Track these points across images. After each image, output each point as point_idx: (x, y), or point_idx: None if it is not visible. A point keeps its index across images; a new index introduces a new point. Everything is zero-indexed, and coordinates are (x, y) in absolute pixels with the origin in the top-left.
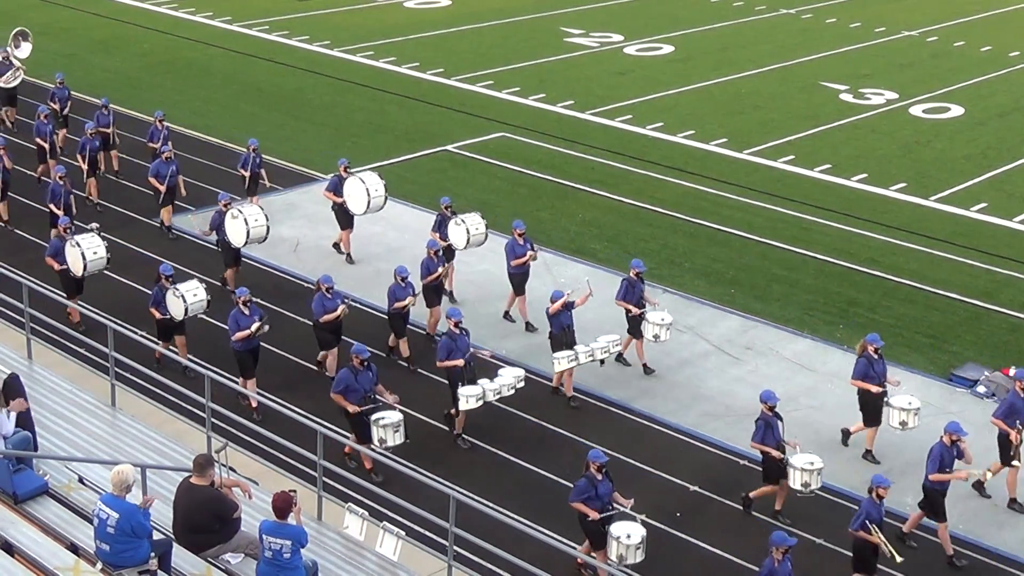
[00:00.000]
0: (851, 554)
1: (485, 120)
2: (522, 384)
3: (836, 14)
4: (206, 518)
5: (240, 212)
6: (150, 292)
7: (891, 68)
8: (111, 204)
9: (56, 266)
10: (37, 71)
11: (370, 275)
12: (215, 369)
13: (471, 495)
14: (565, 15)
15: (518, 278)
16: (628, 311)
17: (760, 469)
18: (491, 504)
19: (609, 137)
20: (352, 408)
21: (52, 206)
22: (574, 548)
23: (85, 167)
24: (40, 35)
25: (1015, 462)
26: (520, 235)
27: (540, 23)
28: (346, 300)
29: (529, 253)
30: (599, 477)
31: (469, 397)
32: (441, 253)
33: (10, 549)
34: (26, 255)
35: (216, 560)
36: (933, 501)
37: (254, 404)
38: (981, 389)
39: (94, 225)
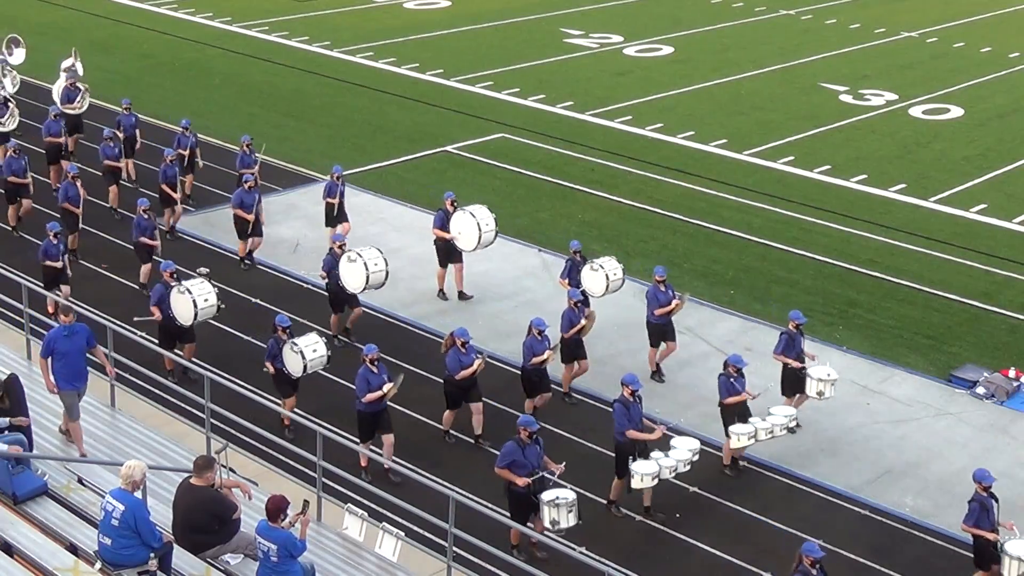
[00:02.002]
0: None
1: (485, 121)
2: (696, 457)
3: (836, 15)
4: (205, 519)
5: (358, 256)
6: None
7: (891, 69)
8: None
9: (159, 316)
10: (37, 71)
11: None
12: (214, 370)
13: (471, 496)
14: (565, 16)
15: (659, 328)
16: (786, 365)
17: (971, 555)
18: (491, 505)
19: (609, 138)
20: (522, 481)
21: (144, 239)
22: (573, 548)
23: (177, 194)
24: (40, 35)
25: None
26: (661, 281)
27: (540, 24)
28: (482, 354)
29: (675, 302)
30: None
31: (644, 476)
32: (581, 304)
33: (9, 550)
34: (26, 255)
35: (215, 561)
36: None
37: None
38: (980, 390)
39: (203, 270)
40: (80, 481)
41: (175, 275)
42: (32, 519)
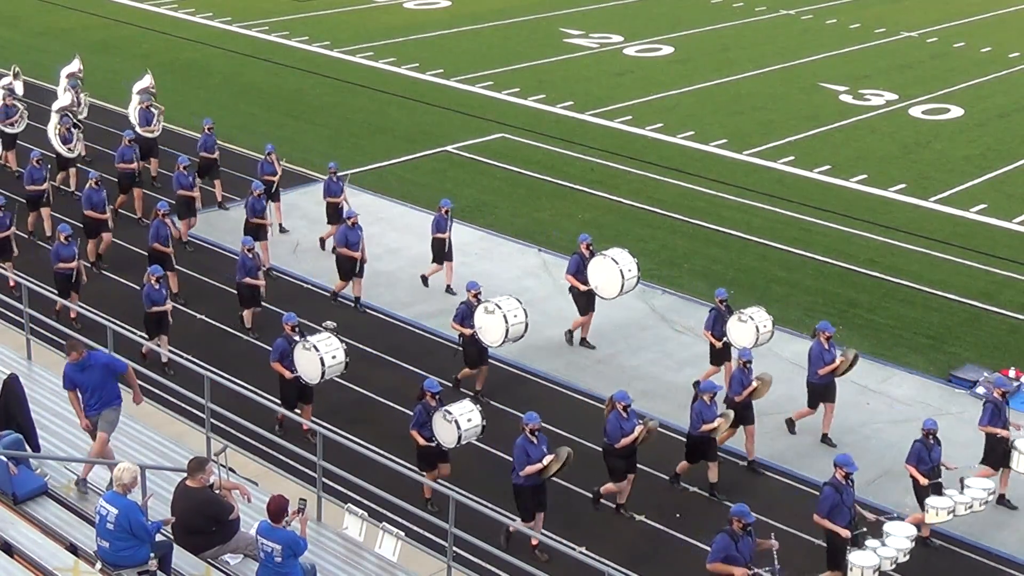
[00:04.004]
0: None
1: (485, 121)
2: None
3: (836, 15)
4: (201, 520)
5: (497, 307)
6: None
7: (891, 69)
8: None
9: (286, 373)
10: (37, 72)
11: (369, 276)
12: (214, 370)
13: (471, 496)
14: (565, 16)
15: (820, 389)
16: (995, 435)
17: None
18: (491, 504)
19: (608, 138)
20: (739, 572)
21: (249, 280)
22: (572, 548)
23: (270, 222)
24: (40, 35)
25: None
26: (828, 338)
27: (540, 24)
28: (644, 418)
29: (840, 359)
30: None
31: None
32: (751, 364)
33: (9, 549)
34: (25, 256)
35: (215, 561)
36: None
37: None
38: (980, 390)
39: (330, 324)
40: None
41: (298, 329)
42: (32, 519)
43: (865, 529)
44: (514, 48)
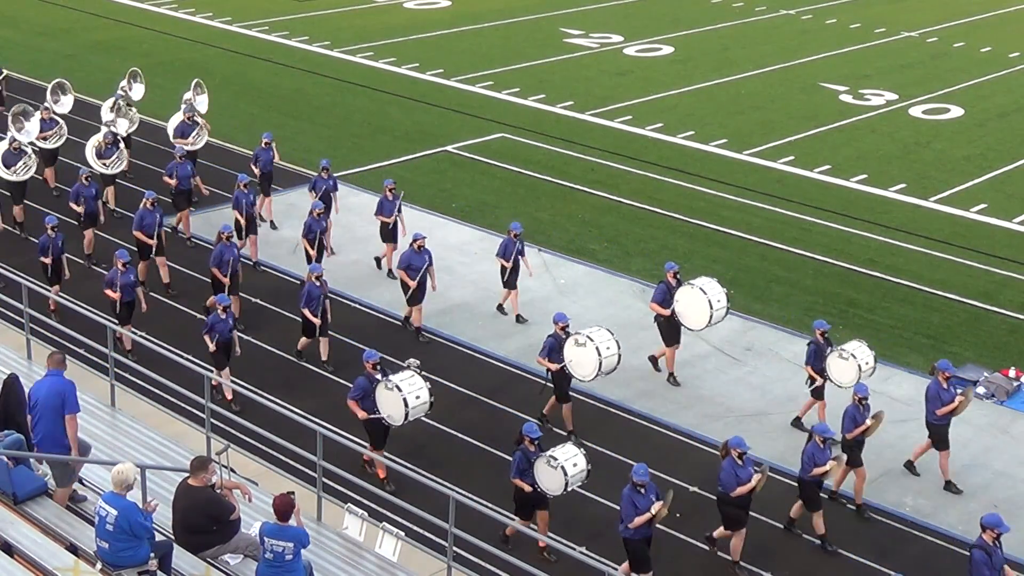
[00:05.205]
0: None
1: (485, 121)
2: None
3: (836, 15)
4: (202, 519)
5: (589, 339)
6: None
7: (891, 69)
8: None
9: (361, 413)
10: (37, 72)
11: (368, 275)
12: (214, 370)
13: (471, 496)
14: (565, 15)
15: (943, 430)
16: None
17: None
18: (491, 504)
19: (609, 138)
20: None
21: (307, 312)
22: (573, 548)
23: (313, 252)
24: (40, 35)
25: None
26: (947, 378)
27: (540, 24)
28: (761, 465)
29: (959, 398)
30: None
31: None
32: (867, 401)
33: (10, 549)
34: (25, 256)
35: (215, 561)
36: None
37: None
38: (980, 390)
39: (413, 361)
40: (80, 481)
41: (379, 367)
42: (32, 519)
43: None
44: (514, 48)
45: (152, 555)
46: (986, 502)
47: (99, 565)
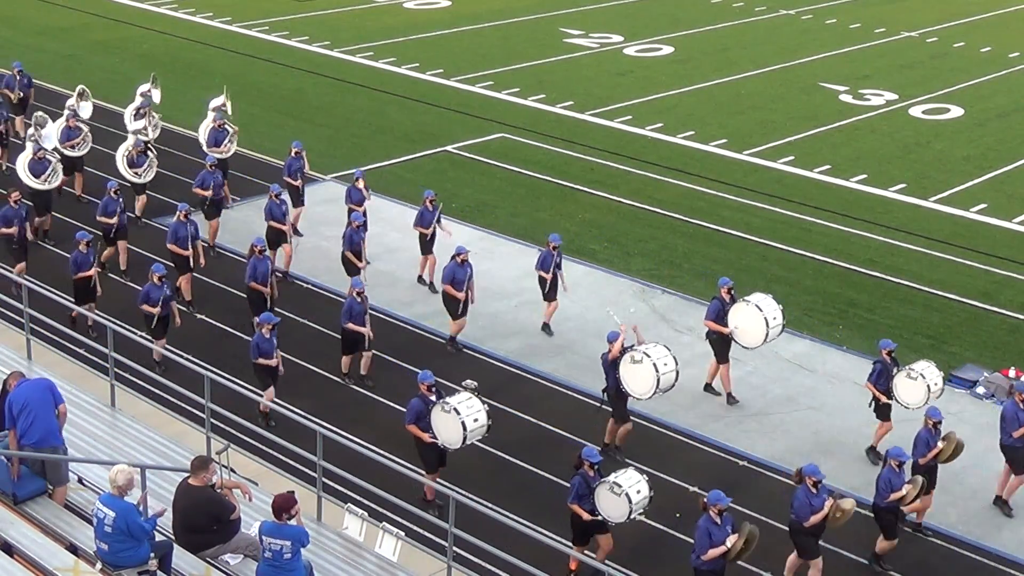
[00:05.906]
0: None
1: (485, 121)
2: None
3: (836, 15)
4: (203, 519)
5: (646, 355)
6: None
7: (891, 69)
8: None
9: (425, 437)
10: (38, 72)
11: (369, 276)
12: (214, 370)
13: (471, 496)
14: (565, 16)
15: (1018, 452)
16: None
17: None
18: (491, 504)
19: (609, 138)
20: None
21: (352, 325)
22: (572, 548)
23: (360, 264)
24: (40, 35)
25: None
26: (1023, 398)
27: (540, 24)
28: (832, 493)
29: None
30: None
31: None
32: (940, 425)
33: (10, 549)
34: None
35: (215, 561)
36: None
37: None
38: (980, 390)
39: (470, 383)
40: (80, 481)
41: (434, 388)
42: (32, 519)
43: None
44: (514, 48)
45: (152, 555)
46: (986, 502)
47: (99, 565)
